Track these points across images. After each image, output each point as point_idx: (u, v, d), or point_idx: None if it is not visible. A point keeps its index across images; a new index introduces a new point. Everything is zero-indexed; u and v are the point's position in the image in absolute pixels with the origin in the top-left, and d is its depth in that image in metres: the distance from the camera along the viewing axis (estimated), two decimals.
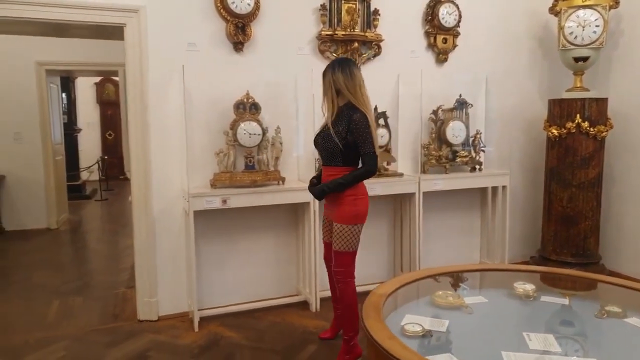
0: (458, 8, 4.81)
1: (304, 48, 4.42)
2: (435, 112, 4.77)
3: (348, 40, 4.45)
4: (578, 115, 4.66)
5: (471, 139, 4.86)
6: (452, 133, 4.72)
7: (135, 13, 3.88)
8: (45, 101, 7.41)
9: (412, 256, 4.66)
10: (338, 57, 4.25)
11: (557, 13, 4.79)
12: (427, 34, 4.83)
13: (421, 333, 2.32)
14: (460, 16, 4.84)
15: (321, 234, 3.73)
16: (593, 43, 4.65)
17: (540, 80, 5.36)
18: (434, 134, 4.76)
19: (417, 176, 4.58)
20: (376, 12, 4.55)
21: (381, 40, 4.60)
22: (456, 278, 3.22)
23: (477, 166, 4.87)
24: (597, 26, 4.61)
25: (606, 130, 4.69)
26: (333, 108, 3.26)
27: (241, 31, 4.13)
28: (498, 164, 5.16)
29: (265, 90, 4.25)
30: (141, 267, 4.13)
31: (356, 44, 4.48)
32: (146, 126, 3.99)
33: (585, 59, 4.73)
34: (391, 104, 4.68)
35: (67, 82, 10.00)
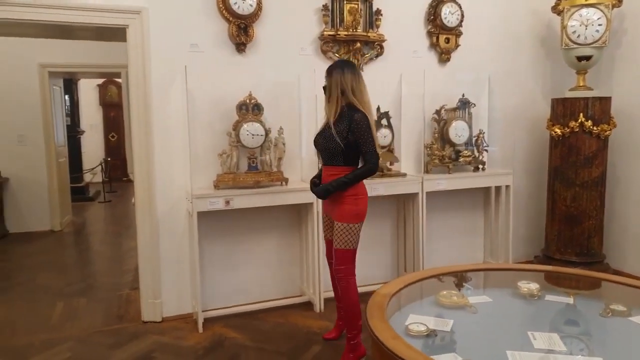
0: (460, 8, 4.80)
1: (307, 48, 4.42)
2: (438, 112, 4.77)
3: (350, 40, 4.45)
4: (581, 114, 4.65)
5: (474, 139, 4.85)
6: (455, 133, 4.71)
7: (137, 14, 3.89)
8: (48, 103, 7.42)
9: (416, 256, 4.66)
10: (342, 59, 4.27)
11: (560, 12, 4.78)
12: (430, 34, 4.83)
13: (425, 333, 2.31)
14: (462, 16, 4.83)
15: (322, 232, 3.74)
16: (596, 42, 4.64)
17: (543, 79, 5.35)
18: (437, 134, 4.76)
19: (420, 176, 4.58)
20: (378, 12, 4.55)
21: (383, 40, 4.60)
22: (460, 278, 3.21)
23: (480, 166, 4.86)
24: (600, 25, 4.60)
25: (609, 129, 4.68)
26: (337, 108, 3.26)
27: (243, 32, 4.13)
28: (501, 164, 5.15)
29: (267, 91, 4.25)
30: (145, 269, 4.14)
31: (358, 44, 4.48)
32: (149, 127, 3.99)
33: (588, 58, 4.73)
34: (394, 104, 4.68)
35: (70, 84, 10.02)
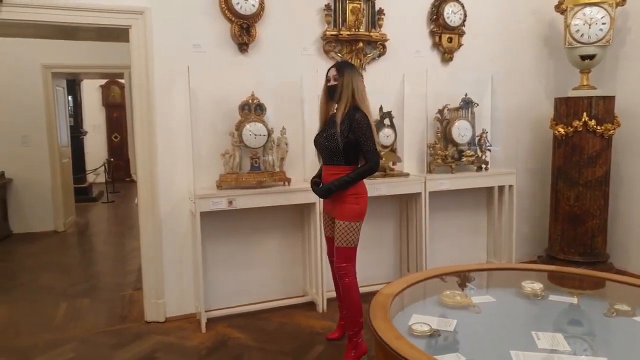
0: (463, 7, 4.80)
1: (309, 48, 4.42)
2: (440, 112, 4.76)
3: (353, 40, 4.45)
4: (585, 113, 4.63)
5: (477, 139, 4.84)
6: (458, 132, 4.70)
7: (140, 15, 3.89)
8: (51, 104, 7.44)
9: (419, 256, 4.65)
10: (345, 60, 4.27)
11: (563, 11, 4.77)
12: (432, 33, 4.82)
13: (429, 333, 2.31)
14: (465, 15, 4.82)
15: (322, 231, 3.76)
16: (600, 41, 4.62)
17: (546, 78, 5.34)
18: (440, 134, 4.75)
19: (423, 176, 4.58)
20: (381, 12, 4.54)
21: (386, 40, 4.60)
22: (463, 278, 3.20)
23: (483, 165, 4.85)
24: (604, 24, 4.58)
25: (613, 128, 4.67)
26: (346, 107, 3.28)
27: (246, 32, 4.13)
28: (504, 163, 5.14)
29: (270, 91, 4.25)
30: (148, 269, 4.14)
31: (361, 44, 4.48)
32: (152, 128, 3.99)
33: (591, 57, 4.71)
34: (396, 104, 4.67)
35: (73, 85, 10.05)
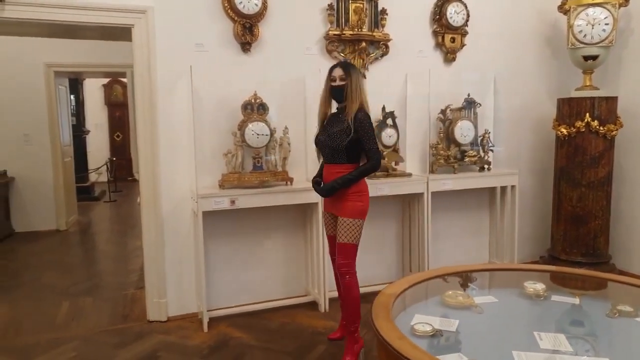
0: (466, 7, 4.79)
1: (312, 48, 4.42)
2: (443, 112, 4.76)
3: (356, 40, 4.45)
4: (587, 114, 4.63)
5: (480, 139, 4.84)
6: (461, 133, 4.70)
7: (143, 14, 3.90)
8: (54, 103, 7.44)
9: (421, 256, 4.65)
10: (346, 60, 4.28)
11: (566, 11, 4.76)
12: (435, 34, 4.81)
13: (431, 333, 2.31)
14: (468, 15, 4.82)
15: (324, 230, 3.78)
16: (603, 41, 4.62)
17: (549, 79, 5.33)
18: (442, 134, 4.75)
19: (426, 176, 4.57)
20: (384, 12, 4.54)
21: (389, 39, 4.60)
22: (465, 278, 3.20)
23: (486, 166, 4.85)
24: (607, 24, 4.58)
25: (616, 129, 4.66)
26: (356, 106, 3.33)
27: (249, 31, 4.13)
28: (507, 164, 5.14)
29: (272, 90, 4.25)
30: (150, 268, 4.14)
31: (364, 44, 4.48)
32: (154, 127, 3.99)
33: (594, 58, 4.71)
34: (399, 104, 4.67)
35: (76, 84, 10.06)
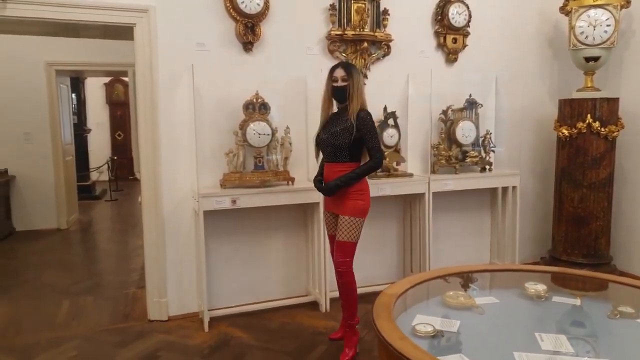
0: (468, 8, 4.79)
1: (313, 48, 4.42)
2: (445, 112, 4.76)
3: (357, 40, 4.45)
4: (589, 115, 4.63)
5: (481, 139, 4.84)
6: (462, 133, 4.70)
7: (144, 13, 3.90)
8: (55, 101, 7.45)
9: (422, 256, 4.65)
10: (346, 61, 4.29)
11: (568, 13, 4.76)
12: (437, 34, 4.81)
13: (432, 333, 2.31)
14: (470, 16, 4.82)
15: (325, 230, 3.80)
16: (604, 43, 4.61)
17: (550, 80, 5.33)
18: (444, 134, 4.75)
19: (427, 176, 4.57)
20: (385, 12, 4.54)
21: (391, 40, 4.60)
22: (466, 278, 3.20)
23: (487, 166, 4.85)
24: (608, 26, 4.57)
25: (617, 130, 4.66)
26: (358, 106, 3.37)
27: (250, 31, 4.13)
28: (508, 164, 5.14)
29: (274, 90, 4.25)
30: (151, 267, 4.14)
31: (365, 44, 4.47)
32: (156, 126, 4.00)
33: (596, 59, 4.70)
34: (401, 104, 4.67)
35: (77, 83, 10.06)
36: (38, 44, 6.88)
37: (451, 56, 4.85)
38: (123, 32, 4.11)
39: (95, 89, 12.74)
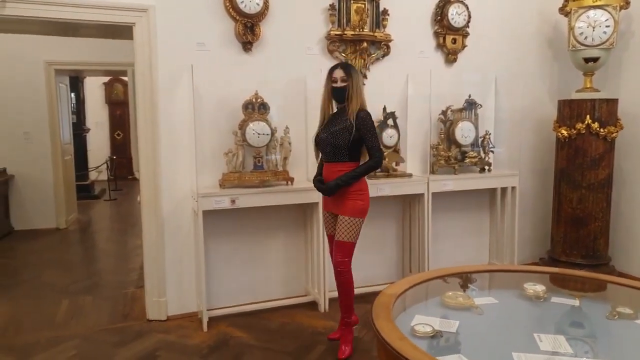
0: (467, 8, 4.80)
1: (313, 48, 4.42)
2: (444, 113, 4.76)
3: (357, 40, 4.45)
4: (588, 116, 4.63)
5: (480, 140, 4.85)
6: (461, 133, 4.70)
7: (144, 12, 3.90)
8: (54, 101, 7.44)
9: (421, 257, 4.65)
10: (344, 62, 4.29)
11: (567, 13, 4.76)
12: (437, 34, 4.82)
13: (431, 334, 2.30)
14: (469, 16, 4.82)
15: (324, 230, 3.81)
16: (603, 44, 4.62)
17: (550, 80, 5.34)
18: (443, 135, 4.75)
19: (426, 177, 4.57)
20: (385, 12, 4.54)
21: (390, 40, 4.60)
22: (465, 279, 3.20)
23: (486, 167, 4.85)
24: (608, 27, 4.58)
25: (616, 131, 4.66)
26: (357, 106, 3.39)
27: (250, 31, 4.13)
28: (507, 165, 5.14)
29: (274, 90, 4.25)
30: (150, 267, 4.14)
31: (365, 44, 4.48)
32: (155, 126, 4.00)
33: (595, 60, 4.71)
34: (400, 104, 4.67)
35: (76, 82, 10.05)
36: (37, 43, 6.87)
37: (450, 56, 4.86)
38: (122, 32, 4.10)
39: (94, 89, 12.73)
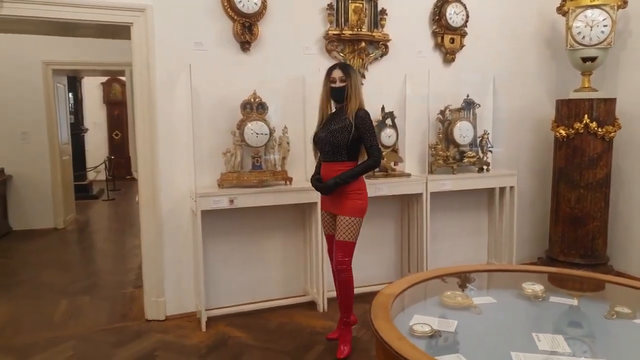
0: (465, 8, 4.80)
1: (311, 48, 4.42)
2: (442, 112, 4.76)
3: (355, 39, 4.45)
4: (586, 115, 4.64)
5: (479, 140, 4.85)
6: (460, 133, 4.71)
7: (142, 12, 3.89)
8: (52, 101, 7.43)
9: (420, 256, 4.65)
10: (343, 62, 4.30)
11: (565, 13, 4.77)
12: (435, 34, 4.82)
13: (430, 333, 2.30)
14: (467, 16, 4.82)
15: (322, 229, 3.82)
16: (601, 43, 4.62)
17: (548, 80, 5.34)
18: (442, 134, 4.76)
19: (425, 176, 4.58)
20: (383, 12, 4.54)
21: (388, 40, 4.60)
22: (464, 278, 3.20)
23: (485, 167, 4.85)
24: (605, 26, 4.58)
25: (614, 130, 4.67)
26: (356, 106, 3.41)
27: (248, 30, 4.13)
28: (506, 165, 5.14)
29: (272, 89, 4.25)
30: (149, 267, 4.14)
31: (363, 44, 4.48)
32: (153, 126, 3.99)
33: (593, 59, 4.71)
34: (398, 104, 4.68)
35: (74, 82, 10.05)
36: (35, 43, 6.86)
37: (449, 56, 4.86)
38: (120, 32, 4.10)
39: (92, 89, 12.70)
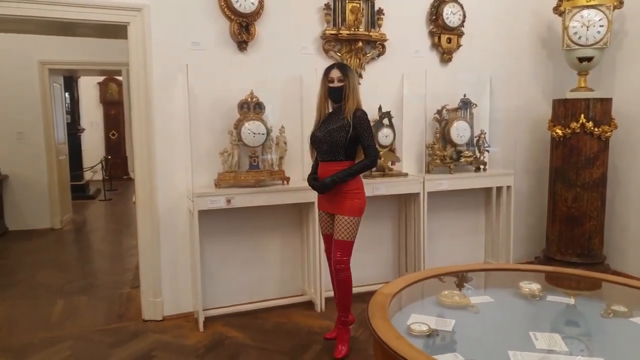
0: (462, 8, 4.80)
1: (308, 47, 4.42)
2: (439, 112, 4.77)
3: (352, 39, 4.45)
4: (582, 115, 4.65)
5: (475, 139, 4.86)
6: (457, 133, 4.71)
7: (138, 12, 3.89)
8: (48, 101, 7.41)
9: (417, 256, 4.66)
10: (340, 62, 4.30)
11: (562, 13, 4.78)
12: (432, 34, 4.82)
13: (427, 332, 2.31)
14: (464, 16, 4.83)
15: (320, 229, 3.83)
16: (597, 43, 4.64)
17: (544, 80, 5.35)
18: (439, 134, 4.76)
19: (422, 176, 4.58)
20: (380, 12, 4.55)
21: (385, 39, 4.60)
22: (461, 278, 3.20)
23: (482, 166, 4.86)
24: (602, 26, 4.60)
25: (610, 130, 4.68)
26: (354, 105, 3.42)
27: (245, 30, 4.13)
28: (502, 164, 5.15)
29: (269, 89, 4.24)
30: (146, 267, 4.13)
31: (360, 44, 4.48)
32: (150, 126, 3.99)
33: (589, 59, 4.73)
34: (395, 104, 4.68)
35: (71, 82, 10.03)
36: (31, 43, 6.84)
37: (446, 56, 4.86)
38: (117, 31, 4.09)
39: (88, 88, 12.68)
